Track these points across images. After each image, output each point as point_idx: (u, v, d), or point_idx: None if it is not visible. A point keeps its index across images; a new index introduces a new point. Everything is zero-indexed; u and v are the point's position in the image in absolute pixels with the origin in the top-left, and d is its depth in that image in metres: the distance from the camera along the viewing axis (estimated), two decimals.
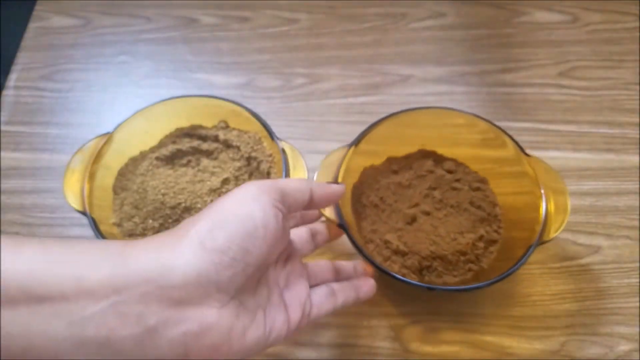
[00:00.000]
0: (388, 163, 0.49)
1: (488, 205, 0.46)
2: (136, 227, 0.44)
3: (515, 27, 0.63)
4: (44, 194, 0.51)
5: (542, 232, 0.39)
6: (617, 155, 0.52)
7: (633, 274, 0.46)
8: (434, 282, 0.42)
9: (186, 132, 0.50)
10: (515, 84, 0.58)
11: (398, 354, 0.42)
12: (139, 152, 0.49)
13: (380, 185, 0.47)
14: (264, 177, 0.47)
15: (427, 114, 0.46)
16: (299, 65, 0.60)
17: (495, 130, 0.45)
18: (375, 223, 0.45)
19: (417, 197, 0.46)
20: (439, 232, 0.44)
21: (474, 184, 0.47)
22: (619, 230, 0.48)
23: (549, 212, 0.40)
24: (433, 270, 0.42)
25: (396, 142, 0.48)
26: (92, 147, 0.44)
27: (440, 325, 0.43)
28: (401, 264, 0.43)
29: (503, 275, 0.38)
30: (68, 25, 0.64)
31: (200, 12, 0.65)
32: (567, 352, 0.42)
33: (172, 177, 0.46)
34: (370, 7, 0.65)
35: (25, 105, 0.57)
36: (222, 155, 0.49)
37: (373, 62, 0.60)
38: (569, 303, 0.44)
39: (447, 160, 0.49)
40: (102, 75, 0.60)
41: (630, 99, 0.56)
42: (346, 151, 0.44)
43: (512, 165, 0.44)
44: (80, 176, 0.43)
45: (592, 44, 0.61)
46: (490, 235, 0.44)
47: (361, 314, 0.44)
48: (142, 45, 0.62)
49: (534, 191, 0.42)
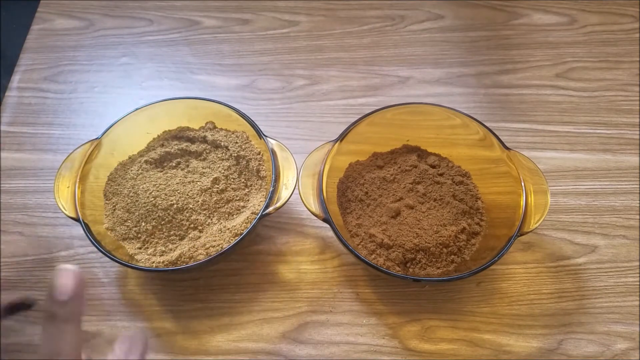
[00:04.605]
0: (373, 158, 0.50)
1: (470, 199, 0.47)
2: (129, 231, 0.45)
3: (513, 29, 0.63)
4: (47, 194, 0.51)
5: (522, 223, 0.41)
6: (614, 155, 0.53)
7: (630, 273, 0.46)
8: (418, 274, 0.43)
9: (174, 135, 0.51)
10: (512, 85, 0.58)
11: (397, 352, 0.43)
12: (127, 157, 0.49)
13: (365, 180, 0.48)
14: (253, 175, 0.48)
15: (409, 110, 0.48)
16: (299, 67, 0.60)
17: (476, 125, 0.46)
18: (360, 217, 0.46)
19: (401, 191, 0.47)
20: (422, 225, 0.45)
21: (457, 177, 0.48)
22: (616, 229, 0.48)
23: (528, 204, 0.41)
24: (417, 262, 0.43)
25: (381, 140, 0.49)
26: (81, 153, 0.45)
27: (439, 323, 0.44)
28: (386, 257, 0.43)
29: (484, 266, 0.39)
30: (71, 26, 0.65)
31: (201, 15, 0.65)
32: (564, 351, 0.43)
33: (163, 180, 0.47)
34: (369, 10, 0.65)
35: (28, 106, 0.58)
36: (211, 156, 0.49)
37: (372, 64, 0.61)
38: (566, 302, 0.45)
39: (431, 155, 0.50)
40: (104, 77, 0.60)
41: (627, 100, 0.57)
42: (329, 148, 0.45)
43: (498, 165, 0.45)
44: (71, 182, 0.44)
45: (590, 45, 0.62)
46: (472, 228, 0.45)
47: (360, 313, 0.44)
48: (144, 47, 0.63)
49: (517, 190, 0.43)
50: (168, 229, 0.44)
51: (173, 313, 0.45)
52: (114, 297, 0.46)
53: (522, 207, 0.41)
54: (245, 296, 0.46)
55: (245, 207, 0.46)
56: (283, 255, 0.48)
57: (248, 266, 0.47)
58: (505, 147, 0.45)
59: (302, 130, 0.55)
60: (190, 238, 0.44)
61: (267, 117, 0.56)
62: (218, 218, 0.45)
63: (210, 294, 0.46)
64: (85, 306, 0.36)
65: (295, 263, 0.47)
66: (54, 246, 0.48)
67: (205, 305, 0.45)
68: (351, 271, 0.47)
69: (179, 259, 0.42)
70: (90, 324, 0.44)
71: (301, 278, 0.46)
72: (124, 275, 0.47)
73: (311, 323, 0.44)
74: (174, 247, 0.44)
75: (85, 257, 0.48)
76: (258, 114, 0.56)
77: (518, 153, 0.44)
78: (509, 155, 0.44)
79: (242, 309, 0.45)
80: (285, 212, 0.50)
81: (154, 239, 0.44)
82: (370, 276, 0.46)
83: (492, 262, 0.39)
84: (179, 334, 0.44)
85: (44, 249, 0.48)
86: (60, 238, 0.49)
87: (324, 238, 0.48)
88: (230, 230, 0.43)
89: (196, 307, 0.45)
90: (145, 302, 0.45)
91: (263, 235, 0.49)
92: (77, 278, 0.28)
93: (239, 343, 0.43)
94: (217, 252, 0.41)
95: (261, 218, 0.42)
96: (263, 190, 0.46)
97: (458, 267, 0.44)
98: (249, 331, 0.44)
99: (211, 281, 0.46)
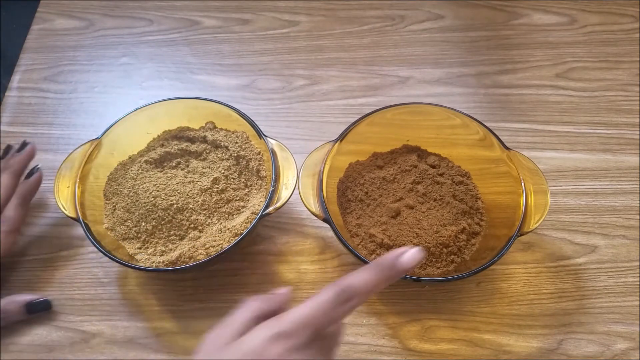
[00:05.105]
0: (373, 158, 0.50)
1: (470, 199, 0.47)
2: (129, 231, 0.45)
3: (513, 29, 0.63)
4: (47, 194, 0.51)
5: (522, 223, 0.41)
6: (614, 155, 0.53)
7: (630, 273, 0.46)
8: (418, 274, 0.43)
9: (174, 135, 0.51)
10: (512, 85, 0.58)
11: (397, 352, 0.43)
12: (127, 157, 0.49)
13: (365, 180, 0.48)
14: (253, 175, 0.48)
15: (409, 110, 0.48)
16: (299, 67, 0.60)
17: (476, 125, 0.46)
18: (360, 217, 0.47)
19: (401, 191, 0.47)
20: (422, 225, 0.45)
21: (457, 177, 0.48)
22: (616, 229, 0.48)
23: (528, 204, 0.42)
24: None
25: (381, 140, 0.49)
26: (81, 153, 0.45)
27: (439, 323, 0.44)
28: None
29: (484, 266, 0.39)
30: (71, 26, 0.65)
31: (201, 15, 0.65)
32: (564, 351, 0.43)
33: (163, 180, 0.47)
34: (369, 10, 0.65)
35: (28, 106, 0.58)
36: (211, 156, 0.49)
37: (372, 64, 0.61)
38: (566, 302, 0.45)
39: (431, 155, 0.50)
40: (104, 77, 0.60)
41: (627, 100, 0.57)
42: (329, 148, 0.45)
43: (498, 165, 0.45)
44: (71, 182, 0.44)
45: (590, 45, 0.62)
46: (472, 228, 0.45)
47: (360, 312, 0.44)
48: (144, 47, 0.63)
49: (517, 190, 0.43)
50: (168, 229, 0.44)
51: (173, 313, 0.45)
52: (114, 297, 0.46)
53: (522, 207, 0.42)
54: (245, 296, 0.45)
55: (245, 207, 0.46)
56: (283, 255, 0.48)
57: (248, 266, 0.47)
58: (505, 147, 0.45)
59: (302, 130, 0.55)
60: (190, 238, 0.44)
61: (267, 117, 0.56)
62: (218, 218, 0.45)
63: (210, 294, 0.46)
64: (26, 162, 0.47)
65: (295, 263, 0.47)
66: (54, 246, 0.48)
67: (205, 305, 0.45)
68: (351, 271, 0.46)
69: (179, 259, 0.42)
70: (90, 324, 0.44)
71: (301, 278, 0.46)
72: (124, 275, 0.47)
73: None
74: (174, 247, 0.44)
75: (85, 257, 0.48)
76: (258, 114, 0.56)
77: (518, 153, 0.44)
78: (509, 155, 0.44)
79: None
80: (285, 212, 0.50)
81: (154, 239, 0.44)
82: None
83: (492, 262, 0.39)
84: (179, 334, 0.44)
85: (44, 249, 0.48)
86: (60, 238, 0.49)
87: (324, 238, 0.48)
88: (230, 230, 0.43)
89: (196, 307, 0.45)
90: (145, 302, 0.45)
91: (263, 235, 0.49)
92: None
93: None
94: (217, 252, 0.41)
95: (261, 218, 0.42)
96: (263, 190, 0.46)
97: (458, 267, 0.44)
98: None
99: (211, 281, 0.46)
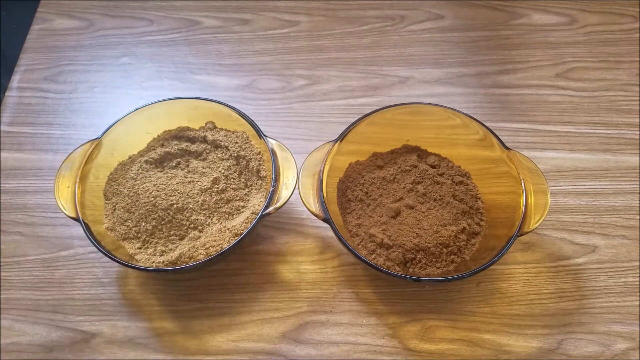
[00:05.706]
0: (373, 158, 0.50)
1: (470, 199, 0.47)
2: (129, 231, 0.45)
3: (513, 29, 0.63)
4: (47, 194, 0.51)
5: (522, 223, 0.41)
6: (613, 155, 0.53)
7: (630, 273, 0.46)
8: (418, 274, 0.43)
9: (174, 135, 0.51)
10: (512, 85, 0.58)
11: (397, 352, 0.43)
12: (127, 157, 0.49)
13: (365, 180, 0.48)
14: (253, 175, 0.48)
15: (409, 110, 0.48)
16: (299, 67, 0.60)
17: (476, 125, 0.46)
18: (360, 217, 0.46)
19: (401, 191, 0.47)
20: (422, 225, 0.45)
21: (457, 177, 0.48)
22: (616, 229, 0.48)
23: (528, 204, 0.42)
24: (417, 262, 0.43)
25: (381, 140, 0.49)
26: (81, 153, 0.45)
27: (439, 323, 0.44)
28: (386, 257, 0.43)
29: (484, 266, 0.39)
30: (71, 27, 0.65)
31: (201, 15, 0.65)
32: (564, 351, 0.43)
33: (163, 180, 0.47)
34: (369, 10, 0.65)
35: (28, 106, 0.58)
36: (211, 156, 0.49)
37: (372, 64, 0.61)
38: (566, 302, 0.45)
39: (431, 155, 0.50)
40: (104, 77, 0.60)
41: (627, 100, 0.57)
42: (329, 148, 0.45)
43: (498, 165, 0.46)
44: (71, 182, 0.44)
45: (590, 45, 0.62)
46: (472, 228, 0.45)
47: (360, 312, 0.44)
48: (144, 47, 0.63)
49: (517, 190, 0.43)
50: (168, 229, 0.44)
51: (173, 313, 0.45)
52: (114, 297, 0.46)
53: (522, 207, 0.42)
54: (245, 296, 0.46)
55: (245, 207, 0.46)
56: (283, 255, 0.48)
57: (248, 266, 0.47)
58: (505, 147, 0.45)
59: (302, 130, 0.55)
60: (190, 238, 0.44)
61: (267, 117, 0.56)
62: (218, 218, 0.45)
63: (210, 294, 0.46)
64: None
65: (295, 263, 0.47)
66: (54, 246, 0.48)
67: (205, 305, 0.45)
68: (351, 271, 0.47)
69: (179, 259, 0.42)
70: (90, 324, 0.44)
71: (301, 278, 0.46)
72: (124, 275, 0.47)
73: (311, 323, 0.44)
74: (174, 247, 0.44)
75: (85, 257, 0.48)
76: (258, 114, 0.56)
77: (518, 153, 0.44)
78: (509, 155, 0.44)
79: (242, 309, 0.45)
80: (285, 212, 0.50)
81: (154, 239, 0.44)
82: (370, 276, 0.46)
83: (492, 262, 0.39)
84: (179, 334, 0.44)
85: (44, 249, 0.48)
86: (60, 238, 0.49)
87: (324, 238, 0.48)
88: (230, 230, 0.43)
89: (196, 307, 0.45)
90: (145, 302, 0.45)
91: (263, 235, 0.49)
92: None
93: (238, 343, 0.43)
94: (217, 252, 0.41)
95: (261, 218, 0.42)
96: (263, 190, 0.46)
97: (458, 267, 0.44)
98: (249, 331, 0.44)
99: (211, 281, 0.46)
